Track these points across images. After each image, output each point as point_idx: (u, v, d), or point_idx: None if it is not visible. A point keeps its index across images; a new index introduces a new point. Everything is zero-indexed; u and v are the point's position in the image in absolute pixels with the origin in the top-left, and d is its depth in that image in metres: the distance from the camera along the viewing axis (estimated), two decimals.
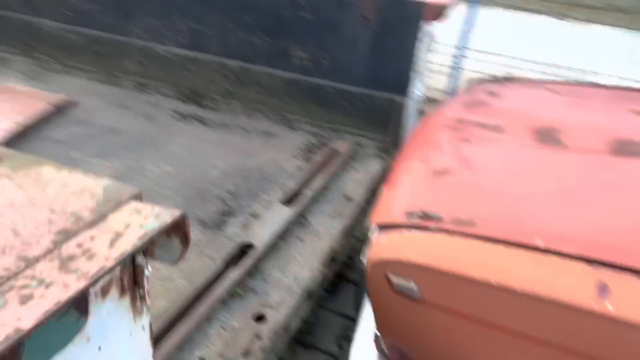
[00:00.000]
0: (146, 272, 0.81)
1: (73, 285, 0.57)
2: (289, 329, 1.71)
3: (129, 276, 0.78)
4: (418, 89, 2.73)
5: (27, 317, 0.53)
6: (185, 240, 0.77)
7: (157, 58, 3.16)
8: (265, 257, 1.90)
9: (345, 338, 2.25)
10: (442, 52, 3.64)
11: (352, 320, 2.12)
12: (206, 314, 1.60)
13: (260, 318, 1.64)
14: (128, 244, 0.66)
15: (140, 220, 0.70)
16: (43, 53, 3.43)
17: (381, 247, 1.45)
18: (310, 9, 2.71)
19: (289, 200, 2.22)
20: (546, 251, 1.31)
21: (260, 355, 1.50)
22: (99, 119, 2.79)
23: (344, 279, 2.56)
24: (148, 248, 0.78)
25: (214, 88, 3.10)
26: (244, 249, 1.90)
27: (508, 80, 2.57)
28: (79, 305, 0.71)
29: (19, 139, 2.46)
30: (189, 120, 2.88)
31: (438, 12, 2.52)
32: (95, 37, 3.26)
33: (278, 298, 1.74)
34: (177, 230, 0.76)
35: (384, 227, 1.50)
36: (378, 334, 1.58)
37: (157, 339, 1.44)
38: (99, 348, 0.76)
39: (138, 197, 0.77)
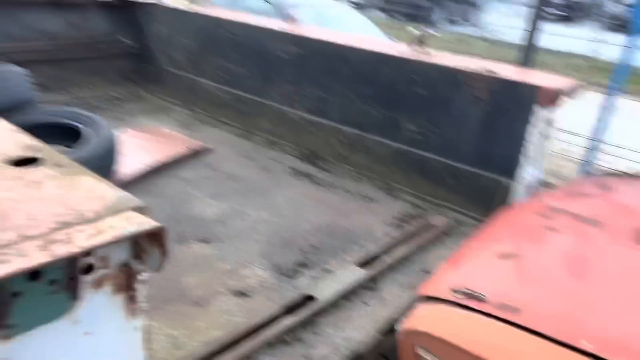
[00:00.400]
0: (139, 277, 0.94)
1: (35, 261, 0.71)
2: None
3: (124, 277, 0.91)
4: (529, 174, 2.61)
5: None
6: (164, 251, 0.89)
7: (287, 119, 3.49)
8: (323, 312, 1.93)
9: None
10: (568, 139, 3.41)
11: None
12: (248, 353, 1.68)
13: None
14: (100, 240, 0.79)
15: (124, 225, 0.84)
16: (198, 106, 4.01)
17: (417, 318, 1.41)
18: (423, 85, 2.80)
19: (365, 263, 2.25)
20: (592, 356, 1.17)
21: None
22: (225, 166, 3.14)
23: None
24: (140, 254, 0.91)
25: (329, 151, 3.30)
26: (306, 300, 1.97)
27: (629, 176, 2.34)
28: (70, 289, 0.86)
29: (154, 173, 2.88)
30: (300, 177, 3.10)
31: (554, 97, 2.43)
32: (239, 97, 3.72)
33: (323, 353, 1.75)
34: (157, 240, 0.88)
35: (427, 298, 1.46)
36: None
37: None
38: (85, 333, 0.90)
39: (139, 209, 0.92)
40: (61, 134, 2.74)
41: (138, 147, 3.10)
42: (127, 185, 2.70)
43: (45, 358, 0.85)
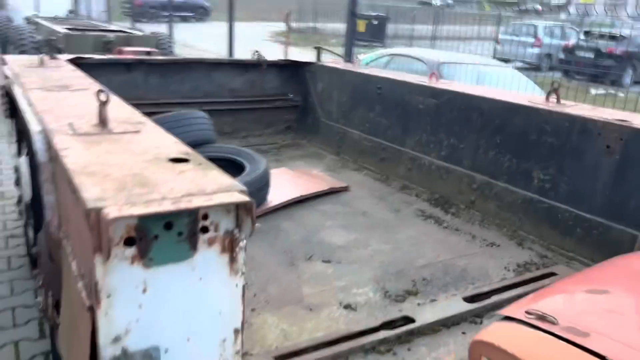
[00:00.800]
0: (241, 244, 1.27)
1: (166, 209, 1.09)
2: None
3: (228, 240, 1.24)
4: None
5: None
6: (252, 221, 1.20)
7: (421, 166, 3.71)
8: (420, 333, 2.07)
9: None
10: None
11: None
12: (344, 353, 1.90)
13: None
14: (209, 203, 1.14)
15: (228, 198, 1.18)
16: (346, 153, 4.44)
17: (487, 332, 1.51)
18: (554, 134, 2.82)
19: (473, 298, 2.32)
20: None
21: None
22: (358, 204, 3.46)
23: None
24: (240, 225, 1.24)
25: (460, 197, 3.42)
26: (406, 320, 2.13)
27: None
28: (191, 242, 1.22)
29: (297, 204, 3.31)
30: (427, 219, 3.26)
31: None
32: (381, 145, 4.06)
33: None
34: (247, 212, 1.20)
35: (503, 318, 1.55)
36: None
37: (290, 355, 1.85)
38: (200, 279, 1.24)
39: (242, 191, 1.25)
40: (230, 167, 3.35)
41: (288, 182, 3.59)
42: (274, 210, 3.17)
43: (169, 290, 1.21)
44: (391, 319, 2.12)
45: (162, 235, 1.17)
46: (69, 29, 7.16)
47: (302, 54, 6.96)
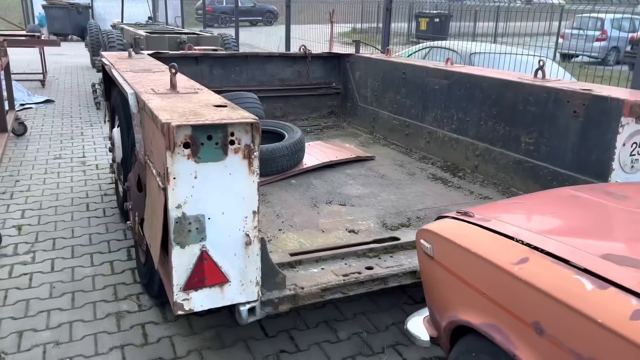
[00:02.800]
0: (255, 153, 2.00)
1: (207, 123, 1.86)
2: None
3: (247, 150, 1.98)
4: (619, 178, 2.93)
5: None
6: (259, 136, 1.95)
7: (437, 138, 4.32)
8: (402, 248, 2.73)
9: None
10: None
11: None
12: (341, 255, 2.60)
13: (368, 268, 2.51)
14: (232, 121, 1.89)
15: (243, 120, 1.92)
16: (378, 132, 5.11)
17: (427, 225, 2.17)
18: (535, 104, 3.37)
19: None
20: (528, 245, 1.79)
21: None
22: (379, 169, 4.13)
23: None
24: (254, 140, 1.97)
25: (466, 163, 4.00)
26: (393, 239, 2.79)
27: None
28: (224, 149, 1.97)
29: (327, 167, 4.03)
30: (435, 180, 3.88)
31: (638, 109, 2.79)
32: (405, 122, 4.70)
33: (389, 264, 2.55)
34: (257, 130, 1.94)
35: (442, 217, 2.20)
36: (427, 310, 2.21)
37: (302, 253, 2.57)
38: (230, 174, 1.99)
39: (255, 119, 1.98)
40: (273, 136, 4.13)
41: (321, 151, 4.32)
42: (308, 171, 3.91)
43: (210, 178, 1.97)
44: (381, 238, 2.80)
45: (206, 143, 1.94)
46: (149, 32, 8.28)
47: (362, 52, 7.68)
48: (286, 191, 3.57)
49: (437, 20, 20.32)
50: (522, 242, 1.75)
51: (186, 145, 1.91)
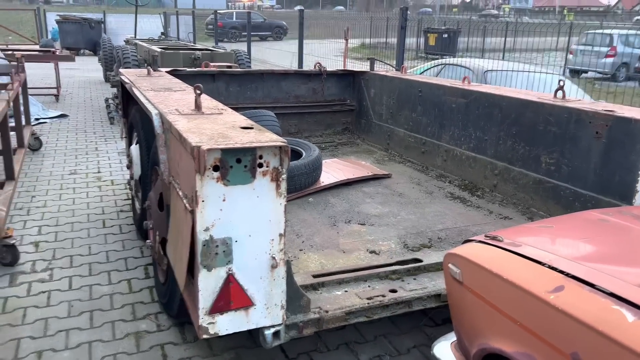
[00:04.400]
0: (283, 176, 1.99)
1: (236, 147, 1.85)
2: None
3: (275, 174, 1.97)
4: None
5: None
6: (288, 160, 1.94)
7: (454, 157, 4.30)
8: (425, 270, 2.70)
9: None
10: None
11: None
12: (363, 277, 2.58)
13: (392, 291, 2.48)
14: (260, 145, 1.88)
15: (271, 143, 1.92)
16: (393, 149, 5.10)
17: (454, 248, 2.14)
18: (556, 124, 3.35)
19: None
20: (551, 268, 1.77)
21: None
22: (397, 187, 4.11)
23: None
24: (282, 163, 1.97)
25: (485, 182, 3.98)
26: (415, 261, 2.76)
27: None
28: (252, 172, 1.96)
29: (344, 185, 4.02)
30: (454, 199, 3.86)
31: None
32: (421, 140, 4.69)
33: (412, 287, 2.52)
34: (285, 153, 1.93)
35: (469, 241, 2.17)
36: (454, 335, 2.18)
37: (324, 275, 2.55)
38: (257, 197, 1.98)
39: (283, 142, 1.97)
40: (292, 153, 4.13)
41: (337, 168, 4.31)
42: (325, 189, 3.90)
43: (239, 201, 1.96)
44: (403, 260, 2.77)
45: (235, 166, 1.93)
46: (163, 48, 8.36)
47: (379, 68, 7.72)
48: (304, 209, 3.56)
49: (446, 35, 20.42)
50: (556, 269, 1.73)
51: (215, 169, 1.90)
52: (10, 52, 8.31)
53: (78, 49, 20.98)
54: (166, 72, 4.62)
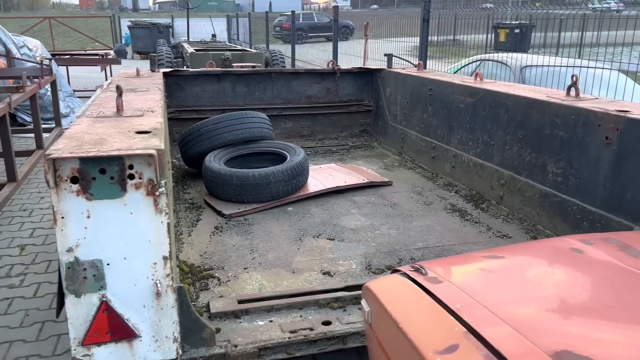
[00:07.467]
0: (161, 189, 1.70)
1: (97, 154, 1.58)
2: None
3: (150, 187, 1.69)
4: None
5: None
6: (162, 170, 1.64)
7: (462, 163, 3.81)
8: None
9: None
10: None
11: None
12: (297, 303, 2.23)
13: (325, 323, 2.12)
14: (129, 153, 1.60)
15: (139, 152, 1.63)
16: (406, 153, 4.66)
17: (374, 280, 1.75)
18: (563, 127, 2.80)
19: None
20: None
21: None
22: (393, 197, 3.69)
23: None
24: (158, 176, 1.67)
25: (491, 193, 3.47)
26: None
27: None
28: (121, 184, 1.68)
29: (333, 193, 3.66)
30: (453, 213, 3.38)
31: None
32: (432, 144, 4.22)
33: (352, 320, 2.14)
34: (160, 162, 1.63)
35: (394, 271, 1.77)
36: None
37: (252, 300, 2.23)
38: (131, 213, 1.70)
39: (158, 151, 1.68)
40: (276, 157, 3.84)
41: (329, 175, 3.95)
42: (311, 197, 3.56)
43: (107, 218, 1.69)
44: (354, 284, 2.38)
45: (98, 178, 1.66)
46: (196, 49, 8.34)
47: (437, 66, 7.27)
48: (277, 220, 3.25)
49: (518, 30, 19.22)
50: (461, 320, 1.31)
51: (74, 180, 1.65)
52: (56, 56, 8.65)
53: (147, 52, 21.88)
54: (164, 72, 4.49)
